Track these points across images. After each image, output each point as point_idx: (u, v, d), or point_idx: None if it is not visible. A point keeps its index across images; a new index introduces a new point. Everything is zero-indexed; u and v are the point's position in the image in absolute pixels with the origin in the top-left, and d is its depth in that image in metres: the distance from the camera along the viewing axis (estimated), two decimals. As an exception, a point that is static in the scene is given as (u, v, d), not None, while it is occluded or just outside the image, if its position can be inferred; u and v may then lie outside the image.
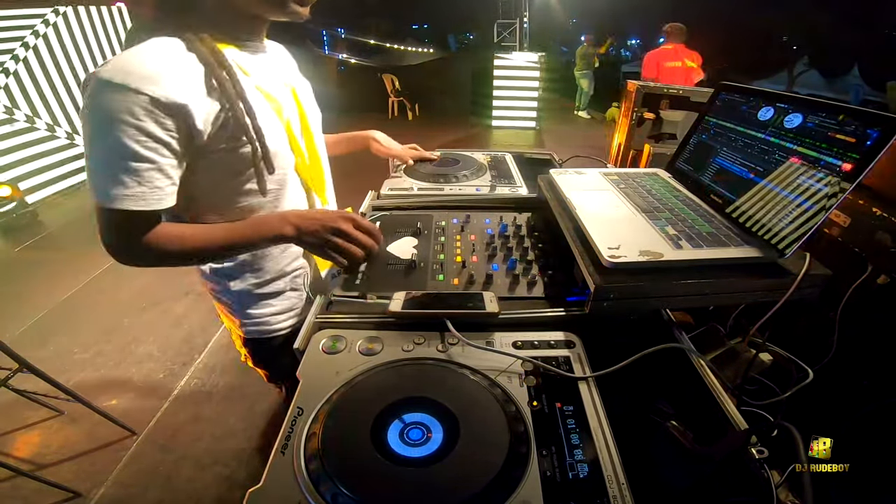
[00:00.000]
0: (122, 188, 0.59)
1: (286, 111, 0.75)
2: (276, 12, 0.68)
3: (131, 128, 0.57)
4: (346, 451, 0.45)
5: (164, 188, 0.63)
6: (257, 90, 0.71)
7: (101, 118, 0.58)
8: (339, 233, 0.69)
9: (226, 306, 0.87)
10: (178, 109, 0.60)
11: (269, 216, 0.72)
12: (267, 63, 0.76)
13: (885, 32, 9.41)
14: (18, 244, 3.19)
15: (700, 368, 0.57)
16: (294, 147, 0.77)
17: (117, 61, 0.58)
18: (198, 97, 0.62)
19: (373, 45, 9.47)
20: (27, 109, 3.73)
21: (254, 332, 0.87)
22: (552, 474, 0.43)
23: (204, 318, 2.37)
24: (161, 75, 0.58)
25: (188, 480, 1.55)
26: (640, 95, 1.60)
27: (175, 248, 0.67)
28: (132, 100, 0.56)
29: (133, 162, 0.59)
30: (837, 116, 0.59)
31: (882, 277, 0.67)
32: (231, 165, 0.69)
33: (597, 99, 7.44)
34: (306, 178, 0.82)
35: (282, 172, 0.75)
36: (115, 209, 0.60)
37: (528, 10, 6.48)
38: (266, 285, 0.84)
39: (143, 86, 0.57)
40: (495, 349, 0.57)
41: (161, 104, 0.58)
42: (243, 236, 0.69)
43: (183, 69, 0.61)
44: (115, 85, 0.56)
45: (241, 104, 0.65)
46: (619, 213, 0.73)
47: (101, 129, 0.58)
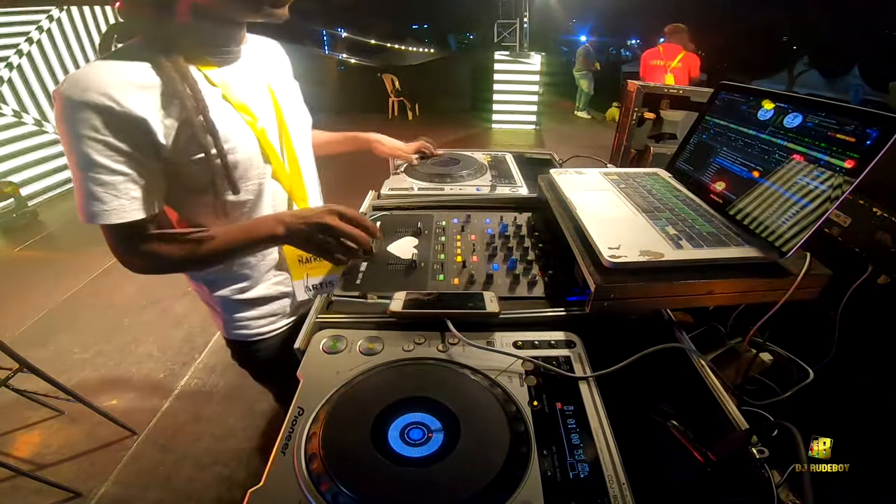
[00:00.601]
0: (101, 204, 0.60)
1: (261, 120, 0.73)
2: (250, 14, 0.66)
3: (97, 143, 0.58)
4: (347, 450, 0.45)
5: (141, 198, 0.63)
6: (225, 101, 0.69)
7: (68, 136, 0.58)
8: (325, 229, 0.66)
9: (210, 308, 0.89)
10: (138, 123, 0.60)
11: (265, 218, 0.71)
12: (242, 70, 0.74)
13: (885, 32, 9.41)
14: (18, 244, 3.19)
15: (700, 368, 0.57)
16: (271, 155, 0.75)
17: (77, 76, 0.58)
18: (157, 112, 0.61)
19: (373, 45, 9.46)
20: (24, 109, 3.73)
21: (235, 334, 0.88)
22: (553, 474, 0.43)
23: (204, 317, 2.36)
24: (120, 90, 0.58)
25: (188, 480, 1.55)
26: (641, 95, 1.60)
27: (176, 256, 0.68)
28: (92, 115, 0.57)
29: (106, 175, 0.59)
30: (837, 116, 0.59)
31: (882, 277, 0.68)
32: (199, 178, 0.69)
33: (597, 99, 7.43)
34: (286, 186, 0.80)
35: (256, 182, 0.74)
36: (103, 225, 0.62)
37: (528, 10, 6.47)
38: (246, 291, 0.84)
39: (101, 101, 0.57)
40: (496, 349, 0.57)
41: (121, 119, 0.58)
42: (240, 239, 0.69)
43: (143, 83, 0.61)
44: (76, 102, 0.56)
45: (202, 119, 0.64)
46: (619, 213, 0.73)
47: (70, 147, 0.58)
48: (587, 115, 7.34)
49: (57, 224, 3.53)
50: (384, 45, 9.34)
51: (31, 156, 3.77)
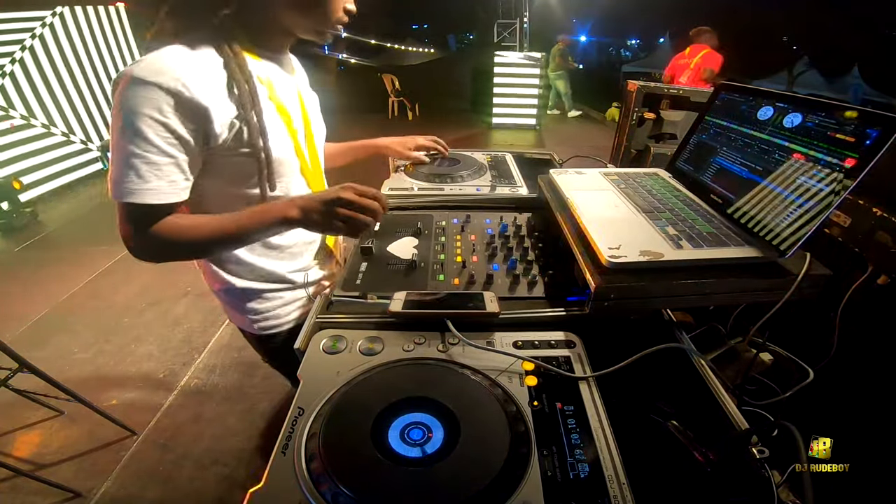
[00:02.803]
0: (142, 182, 0.62)
1: (295, 122, 0.78)
2: (311, 34, 0.74)
3: (157, 123, 0.60)
4: (347, 450, 0.45)
5: (180, 182, 0.65)
6: (271, 101, 0.73)
7: (129, 112, 0.60)
8: (342, 202, 0.67)
9: (233, 306, 0.87)
10: (201, 111, 0.63)
11: (275, 203, 0.72)
12: (283, 74, 0.79)
13: (885, 32, 9.41)
14: (18, 244, 3.19)
15: (700, 368, 0.57)
16: (298, 153, 0.79)
17: (150, 60, 0.61)
18: (219, 102, 0.65)
19: (373, 45, 9.45)
20: (23, 110, 3.73)
21: (265, 326, 0.87)
22: (553, 474, 0.43)
23: (204, 318, 2.36)
24: (190, 77, 0.61)
25: (188, 480, 1.55)
26: (641, 95, 1.60)
27: (186, 239, 0.68)
28: (161, 97, 0.59)
29: (155, 156, 0.62)
30: (837, 116, 0.59)
31: (882, 277, 0.67)
32: (238, 171, 0.72)
33: (597, 99, 7.42)
34: (308, 180, 0.84)
35: (286, 180, 0.78)
36: (126, 203, 0.63)
37: (528, 10, 6.48)
38: (268, 281, 0.84)
39: (173, 85, 0.60)
40: (496, 349, 0.57)
41: (187, 104, 0.61)
42: (252, 223, 0.70)
43: (209, 73, 0.64)
44: (147, 83, 0.59)
45: (255, 115, 0.68)
46: (619, 213, 0.73)
47: (128, 123, 0.60)
48: (577, 113, 7.21)
49: (57, 224, 3.53)
50: (384, 45, 9.34)
51: (34, 157, 3.77)
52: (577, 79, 7.28)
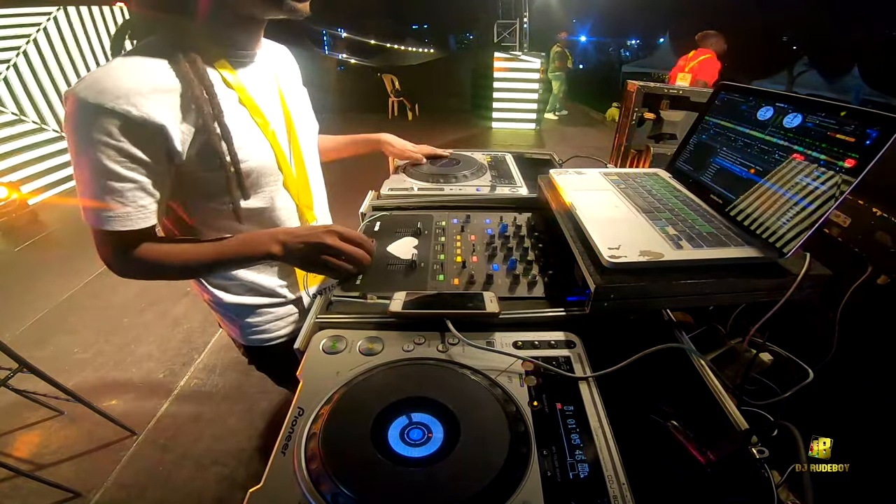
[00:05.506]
0: (108, 210, 0.59)
1: (273, 124, 0.73)
2: (272, 10, 0.64)
3: (110, 149, 0.56)
4: (347, 451, 0.45)
5: (148, 206, 0.62)
6: (241, 105, 0.69)
7: (79, 139, 0.56)
8: (325, 248, 0.66)
9: (223, 317, 0.87)
10: (155, 129, 0.58)
11: (259, 234, 0.70)
12: (257, 73, 0.73)
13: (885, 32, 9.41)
14: (18, 244, 3.19)
15: (700, 368, 0.57)
16: (281, 162, 0.74)
17: (93, 78, 0.56)
18: (175, 117, 0.60)
19: (373, 45, 9.46)
20: (34, 115, 3.73)
21: (254, 340, 0.87)
22: (553, 474, 0.43)
23: (204, 318, 2.36)
24: (137, 94, 0.56)
25: (188, 480, 1.55)
26: (641, 95, 1.60)
27: (167, 264, 0.67)
28: (107, 121, 0.55)
29: (115, 182, 0.58)
30: (837, 116, 0.59)
31: (882, 277, 0.68)
32: (214, 185, 0.68)
33: (596, 99, 7.42)
34: (293, 192, 0.80)
35: (269, 190, 0.74)
36: (105, 230, 0.60)
37: (528, 11, 6.47)
38: (260, 296, 0.84)
39: (118, 105, 0.55)
40: (496, 349, 0.57)
41: (137, 124, 0.56)
42: (234, 254, 0.69)
43: (162, 86, 0.59)
44: (90, 105, 0.54)
45: (217, 127, 0.63)
46: (619, 214, 0.73)
47: (81, 150, 0.57)
48: (555, 116, 7.19)
49: (57, 224, 3.53)
50: (384, 45, 9.33)
51: (31, 154, 3.75)
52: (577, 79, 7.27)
